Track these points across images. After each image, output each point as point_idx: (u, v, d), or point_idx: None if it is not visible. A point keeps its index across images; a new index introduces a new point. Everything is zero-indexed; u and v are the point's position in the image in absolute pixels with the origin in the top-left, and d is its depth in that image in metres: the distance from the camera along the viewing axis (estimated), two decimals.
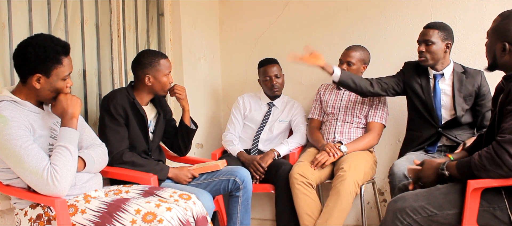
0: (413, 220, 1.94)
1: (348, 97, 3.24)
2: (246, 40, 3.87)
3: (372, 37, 3.43)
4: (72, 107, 2.02)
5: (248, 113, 3.48)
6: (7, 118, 1.87)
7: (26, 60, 1.94)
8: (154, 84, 2.61)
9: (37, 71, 1.95)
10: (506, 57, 1.97)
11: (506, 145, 1.79)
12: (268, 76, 3.37)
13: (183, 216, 1.96)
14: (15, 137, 1.85)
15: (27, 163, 1.84)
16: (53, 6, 2.70)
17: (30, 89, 2.00)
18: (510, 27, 1.97)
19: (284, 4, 3.73)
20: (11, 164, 1.87)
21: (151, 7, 3.45)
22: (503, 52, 1.97)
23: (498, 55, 1.99)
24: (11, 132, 1.85)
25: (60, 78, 2.00)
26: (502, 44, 1.97)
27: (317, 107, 3.38)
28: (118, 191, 2.19)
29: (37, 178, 1.85)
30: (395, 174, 2.61)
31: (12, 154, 1.84)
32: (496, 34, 2.01)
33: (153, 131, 2.70)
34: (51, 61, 1.96)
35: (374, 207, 3.45)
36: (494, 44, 2.01)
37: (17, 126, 1.87)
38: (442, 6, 3.23)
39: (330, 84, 3.40)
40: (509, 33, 1.96)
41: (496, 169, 1.82)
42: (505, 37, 1.97)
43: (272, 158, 3.14)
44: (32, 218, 1.97)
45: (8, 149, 1.84)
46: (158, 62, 2.60)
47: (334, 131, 3.19)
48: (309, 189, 2.85)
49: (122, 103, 2.53)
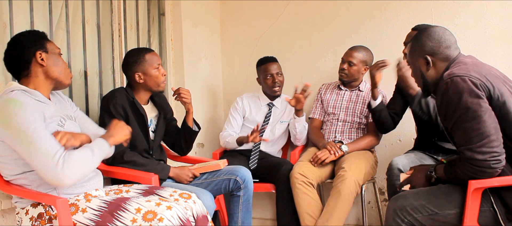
0: (414, 218, 1.95)
1: (349, 97, 3.25)
2: (247, 40, 3.88)
3: (372, 37, 3.43)
4: (119, 134, 2.16)
5: (249, 115, 3.46)
6: (22, 102, 1.88)
7: (22, 44, 2.00)
8: (146, 80, 2.59)
9: (37, 48, 2.00)
10: (431, 70, 2.01)
11: (470, 159, 1.83)
12: (270, 74, 3.35)
13: (183, 215, 1.97)
14: (29, 120, 1.86)
15: (39, 145, 1.84)
16: (55, 6, 2.71)
17: (37, 76, 2.02)
18: (423, 40, 2.02)
19: (285, 4, 3.73)
20: (22, 147, 1.85)
21: (152, 7, 3.46)
22: (427, 66, 2.01)
23: (425, 71, 2.02)
24: (26, 115, 1.86)
25: (56, 53, 2.07)
26: (423, 59, 2.01)
27: (318, 106, 3.38)
28: (118, 190, 2.19)
29: (48, 159, 1.84)
30: (391, 170, 2.62)
31: (25, 137, 1.84)
32: (415, 53, 2.05)
33: (154, 130, 2.70)
34: (40, 37, 2.05)
35: (375, 206, 3.45)
36: (417, 63, 2.05)
37: (31, 111, 1.88)
38: (442, 6, 3.23)
39: (331, 84, 3.40)
40: (425, 46, 2.01)
41: (483, 175, 1.85)
42: (423, 51, 2.01)
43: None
44: (33, 217, 1.98)
45: (22, 131, 1.84)
46: (143, 58, 2.59)
47: (335, 131, 3.19)
48: (309, 189, 2.86)
49: (122, 102, 2.53)
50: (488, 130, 1.80)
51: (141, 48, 2.72)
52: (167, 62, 3.49)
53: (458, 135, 1.88)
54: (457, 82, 1.84)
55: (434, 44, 2.00)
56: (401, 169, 2.57)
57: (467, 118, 1.82)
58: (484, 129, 1.80)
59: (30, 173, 1.95)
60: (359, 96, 3.22)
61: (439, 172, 2.04)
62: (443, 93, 1.88)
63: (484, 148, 1.81)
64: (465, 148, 1.84)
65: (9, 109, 1.86)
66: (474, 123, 1.81)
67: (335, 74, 3.43)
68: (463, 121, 1.83)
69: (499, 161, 1.82)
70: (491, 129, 1.81)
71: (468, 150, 1.83)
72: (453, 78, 1.85)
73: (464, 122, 1.83)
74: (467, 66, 1.91)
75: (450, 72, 1.90)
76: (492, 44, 3.11)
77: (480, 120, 1.81)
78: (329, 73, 3.57)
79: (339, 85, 3.33)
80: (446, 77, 1.89)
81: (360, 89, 3.26)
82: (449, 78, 1.86)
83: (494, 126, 1.82)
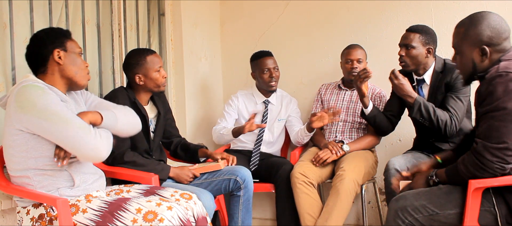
0: (414, 219, 1.95)
1: (349, 98, 3.24)
2: (247, 40, 3.88)
3: (372, 37, 3.43)
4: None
5: (245, 114, 3.37)
6: (43, 88, 1.90)
7: (41, 41, 2.01)
8: (146, 82, 2.58)
9: (55, 46, 2.00)
10: (486, 61, 1.94)
11: (480, 153, 1.83)
12: (267, 69, 3.28)
13: (183, 216, 1.97)
14: (55, 102, 1.88)
15: (71, 120, 1.85)
16: (55, 6, 2.71)
17: (53, 73, 2.02)
18: (482, 28, 1.93)
19: (285, 4, 3.73)
20: (52, 125, 1.83)
21: (152, 7, 3.46)
22: (484, 56, 1.93)
23: (478, 62, 1.95)
24: (50, 97, 1.87)
25: (76, 53, 2.07)
26: (480, 49, 1.93)
27: (319, 107, 3.37)
28: (119, 190, 2.19)
29: (86, 131, 1.86)
30: (388, 170, 2.62)
31: (55, 115, 1.84)
32: (468, 42, 1.96)
33: (154, 131, 2.70)
34: (62, 36, 2.05)
35: (375, 206, 3.45)
36: (470, 53, 1.96)
37: (53, 95, 1.90)
38: (442, 6, 3.23)
39: (331, 84, 3.40)
40: (482, 35, 1.92)
41: (484, 174, 1.85)
42: (480, 41, 1.93)
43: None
44: (34, 217, 1.98)
45: (50, 110, 1.84)
46: (144, 60, 2.57)
47: (336, 131, 3.19)
48: (310, 189, 2.86)
49: (124, 103, 2.51)
50: (510, 137, 1.80)
51: (142, 49, 2.71)
52: (167, 62, 3.49)
53: (482, 126, 1.86)
54: (510, 80, 1.80)
55: (493, 34, 1.91)
56: (398, 169, 2.57)
57: (499, 117, 1.81)
58: (507, 135, 1.80)
59: (35, 172, 1.94)
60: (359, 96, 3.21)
61: (440, 176, 2.03)
62: (491, 83, 1.83)
63: (498, 152, 1.81)
64: (481, 142, 1.84)
65: (31, 93, 1.86)
66: (502, 125, 1.80)
67: (335, 74, 3.43)
68: (494, 117, 1.82)
69: (504, 169, 1.83)
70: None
71: (483, 145, 1.83)
72: (510, 73, 1.81)
73: (494, 119, 1.82)
74: None
75: (508, 65, 1.84)
76: None
77: (509, 125, 1.80)
78: (329, 73, 3.57)
79: (340, 84, 3.31)
80: (503, 68, 1.83)
81: None
82: (505, 71, 1.82)
83: None
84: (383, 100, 3.17)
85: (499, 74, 1.82)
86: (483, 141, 1.84)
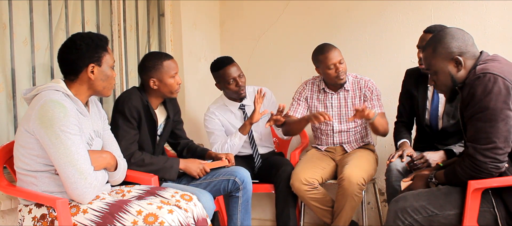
0: (414, 219, 1.95)
1: (337, 102, 3.07)
2: (247, 40, 3.88)
3: (372, 38, 3.43)
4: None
5: (229, 127, 3.17)
6: (66, 108, 1.89)
7: (80, 52, 1.99)
8: (160, 87, 2.54)
9: (91, 61, 2.00)
10: (462, 71, 1.96)
11: (472, 156, 1.86)
12: (232, 78, 3.03)
13: (184, 220, 1.97)
14: (71, 131, 1.87)
15: (76, 160, 1.86)
16: (54, 6, 2.71)
17: (81, 84, 2.02)
18: (448, 41, 1.96)
19: (285, 4, 3.73)
20: (56, 154, 1.85)
21: (152, 8, 3.46)
22: (459, 66, 1.95)
23: (455, 73, 1.97)
24: (68, 124, 1.87)
25: (110, 66, 2.07)
26: (454, 61, 1.96)
27: (301, 105, 3.13)
28: (120, 191, 2.20)
29: (81, 178, 1.88)
30: (390, 171, 2.61)
31: (63, 146, 1.85)
32: (440, 57, 1.98)
33: (161, 134, 2.69)
34: (100, 48, 2.03)
35: (374, 207, 3.45)
36: (446, 67, 1.98)
37: (73, 122, 1.89)
38: (442, 6, 3.23)
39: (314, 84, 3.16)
40: (451, 47, 1.95)
41: (480, 175, 1.87)
42: (451, 52, 1.95)
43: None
44: (36, 217, 1.98)
45: (61, 139, 1.85)
46: (161, 64, 2.53)
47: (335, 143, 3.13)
48: (316, 190, 2.85)
49: (137, 105, 2.48)
50: (498, 136, 1.82)
51: (160, 53, 2.67)
52: None
53: (470, 130, 1.90)
54: (489, 79, 1.83)
55: (460, 43, 1.96)
56: (399, 170, 2.57)
57: (483, 118, 1.84)
58: (495, 134, 1.82)
59: (42, 174, 1.95)
60: (347, 98, 3.06)
61: (439, 177, 2.06)
62: (472, 85, 1.86)
63: (488, 152, 1.84)
64: (471, 145, 1.87)
65: (54, 111, 1.86)
66: (487, 125, 1.83)
67: None
68: (479, 119, 1.85)
69: (498, 167, 1.86)
70: (501, 137, 1.82)
71: (473, 148, 1.86)
72: (487, 74, 1.84)
73: (479, 121, 1.85)
74: (502, 65, 1.90)
75: (485, 67, 1.88)
76: (491, 44, 3.10)
77: (494, 125, 1.82)
78: None
79: (324, 88, 3.08)
80: (479, 71, 1.87)
81: (346, 88, 3.04)
82: (483, 73, 1.85)
83: (505, 135, 1.83)
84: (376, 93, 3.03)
85: (477, 76, 1.85)
86: (473, 144, 1.87)
